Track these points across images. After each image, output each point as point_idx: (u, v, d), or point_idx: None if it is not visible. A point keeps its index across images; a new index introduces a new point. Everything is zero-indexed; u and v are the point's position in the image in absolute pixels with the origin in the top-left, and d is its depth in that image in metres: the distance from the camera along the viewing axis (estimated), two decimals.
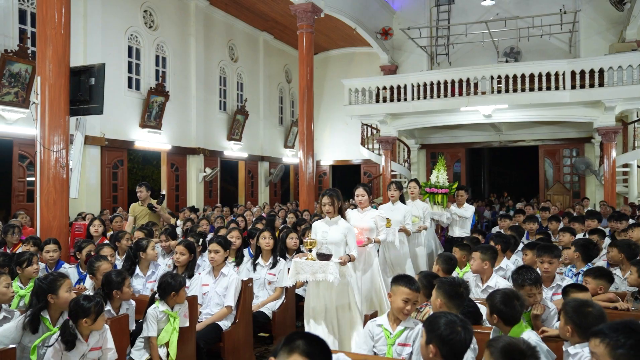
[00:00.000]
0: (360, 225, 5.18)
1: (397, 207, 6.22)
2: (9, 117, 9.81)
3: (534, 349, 2.07)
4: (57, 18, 6.53)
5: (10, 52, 9.61)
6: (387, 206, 6.32)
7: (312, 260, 4.28)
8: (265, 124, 18.41)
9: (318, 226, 4.72)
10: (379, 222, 5.29)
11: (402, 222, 6.05)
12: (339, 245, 4.56)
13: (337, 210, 4.63)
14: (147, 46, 13.31)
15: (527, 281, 3.48)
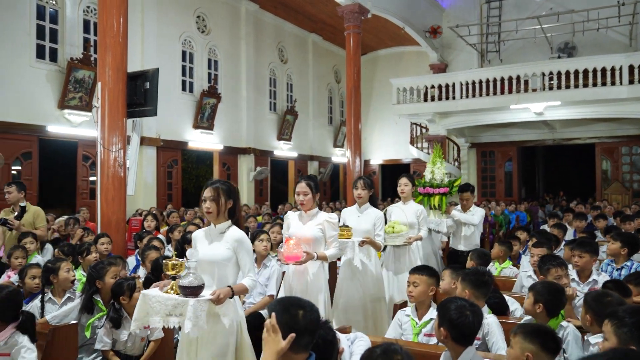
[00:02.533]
0: (299, 234, 3.87)
1: (366, 211, 4.59)
2: (74, 120, 10.52)
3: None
4: (115, 27, 7.00)
5: (76, 60, 10.29)
6: (352, 209, 4.74)
7: (173, 293, 2.75)
8: (315, 124, 18.70)
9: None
10: (328, 231, 3.89)
11: (369, 232, 4.48)
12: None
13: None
14: (200, 50, 13.87)
15: (552, 264, 3.54)
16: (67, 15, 10.68)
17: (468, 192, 6.13)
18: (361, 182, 4.62)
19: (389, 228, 4.87)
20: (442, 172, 6.32)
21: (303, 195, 3.87)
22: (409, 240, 4.99)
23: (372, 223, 4.53)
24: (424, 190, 6.25)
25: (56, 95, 10.28)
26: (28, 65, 9.94)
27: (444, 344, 2.39)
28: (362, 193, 4.61)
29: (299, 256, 3.65)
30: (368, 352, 1.86)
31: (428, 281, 3.23)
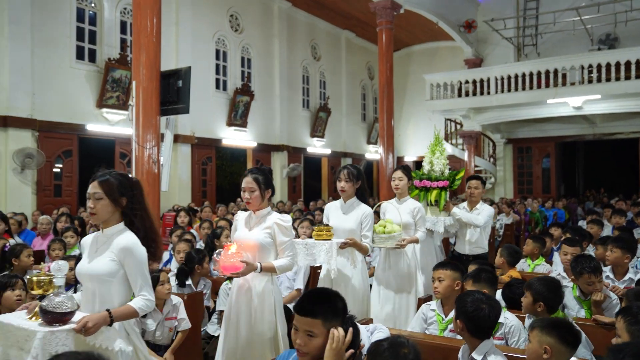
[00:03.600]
0: (243, 239, 3.19)
1: (351, 207, 3.93)
2: (112, 119, 10.83)
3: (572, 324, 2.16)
4: (149, 27, 7.16)
5: (113, 60, 10.59)
6: (336, 205, 4.05)
7: (34, 320, 2.18)
8: (348, 120, 18.69)
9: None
10: (278, 236, 3.15)
11: (354, 233, 3.81)
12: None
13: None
14: (233, 49, 14.04)
15: (585, 269, 3.45)
16: (105, 17, 10.99)
17: (477, 181, 5.26)
18: (345, 172, 3.86)
19: (379, 227, 4.14)
20: (443, 163, 5.25)
21: (249, 192, 3.14)
22: (402, 242, 4.18)
23: (358, 221, 3.82)
24: (420, 183, 5.24)
25: (95, 94, 10.60)
26: (68, 66, 10.28)
27: (461, 336, 2.38)
28: (346, 186, 3.87)
29: (237, 267, 2.97)
30: (375, 344, 1.87)
31: (453, 275, 3.21)
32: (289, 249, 3.17)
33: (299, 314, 1.94)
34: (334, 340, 1.86)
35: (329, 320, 1.91)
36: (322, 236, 3.68)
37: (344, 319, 1.97)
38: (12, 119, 9.33)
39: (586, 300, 3.51)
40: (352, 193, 3.92)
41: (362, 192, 3.96)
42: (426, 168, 5.33)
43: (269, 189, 3.22)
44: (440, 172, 5.21)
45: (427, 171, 5.31)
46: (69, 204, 9.86)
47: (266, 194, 3.20)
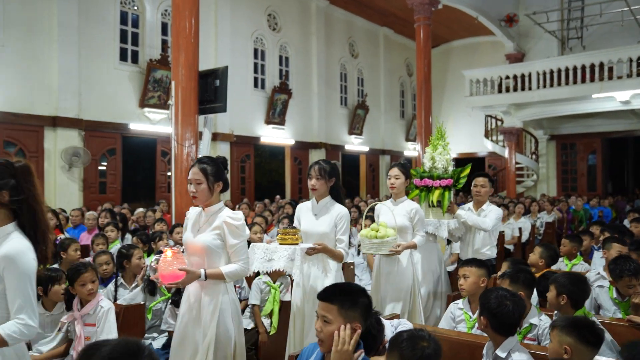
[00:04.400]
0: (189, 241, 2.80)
1: (324, 208, 3.41)
2: (153, 118, 11.15)
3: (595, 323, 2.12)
4: (188, 28, 7.35)
5: (154, 61, 10.90)
6: (307, 206, 3.55)
7: None
8: (386, 117, 18.61)
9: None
10: (227, 238, 2.72)
11: (328, 237, 3.35)
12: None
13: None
14: (271, 47, 14.20)
15: (625, 272, 3.36)
16: (147, 19, 11.32)
17: (484, 178, 4.64)
18: (315, 168, 3.38)
19: (371, 232, 3.75)
20: (446, 159, 4.60)
21: (195, 184, 2.74)
22: (396, 248, 3.76)
23: (332, 224, 3.34)
24: (421, 182, 4.60)
25: (137, 94, 10.94)
26: (112, 67, 10.64)
27: (485, 332, 2.38)
28: (317, 184, 3.36)
29: (177, 275, 2.56)
30: (395, 337, 1.89)
31: (478, 272, 3.18)
32: (240, 252, 2.72)
33: (319, 299, 2.01)
34: (338, 341, 1.89)
35: (346, 309, 1.95)
36: (286, 240, 3.27)
37: (366, 315, 2.00)
38: (61, 119, 9.74)
39: (623, 302, 3.42)
40: (326, 192, 3.42)
41: (337, 191, 3.47)
42: (427, 165, 4.64)
43: (220, 182, 2.79)
44: (444, 170, 4.56)
45: (428, 168, 4.62)
46: (113, 200, 10.21)
47: (216, 188, 2.77)
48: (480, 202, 4.65)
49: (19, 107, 9.28)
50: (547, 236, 9.38)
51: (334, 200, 3.43)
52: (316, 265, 3.33)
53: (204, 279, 2.64)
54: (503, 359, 2.24)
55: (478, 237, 4.61)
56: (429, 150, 4.68)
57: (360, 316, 1.98)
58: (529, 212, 10.11)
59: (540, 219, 9.89)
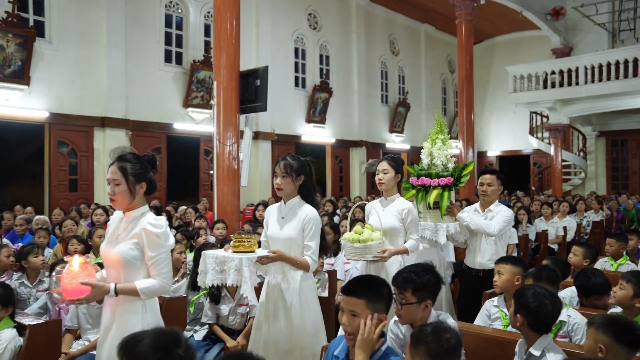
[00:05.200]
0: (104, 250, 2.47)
1: (292, 210, 3.04)
2: (197, 118, 11.43)
3: None
4: (229, 30, 7.52)
5: (197, 62, 11.17)
6: (275, 208, 3.17)
7: None
8: (428, 115, 18.42)
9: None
10: (146, 249, 2.37)
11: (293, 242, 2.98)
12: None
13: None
14: (312, 46, 14.30)
15: None
16: (190, 21, 11.61)
17: (491, 175, 4.08)
18: (281, 165, 2.99)
19: (353, 236, 3.36)
20: (446, 155, 4.01)
21: (113, 185, 2.41)
22: (382, 254, 3.32)
23: (299, 228, 2.96)
24: (418, 181, 4.00)
25: (181, 95, 11.24)
26: (157, 69, 10.97)
27: (519, 330, 2.36)
28: (283, 182, 2.98)
29: (82, 290, 2.24)
30: (417, 331, 1.91)
31: (513, 270, 3.15)
32: (159, 266, 2.35)
33: (345, 294, 2.07)
34: (365, 330, 1.96)
35: (373, 302, 2.02)
36: (239, 247, 2.84)
37: (389, 306, 2.07)
38: (109, 119, 10.12)
39: None
40: (293, 191, 3.03)
41: (308, 191, 3.06)
42: (425, 162, 4.06)
43: (142, 182, 2.42)
44: (443, 167, 3.98)
45: (426, 165, 4.04)
46: (158, 198, 10.53)
47: (138, 190, 2.41)
48: (488, 202, 4.09)
49: (71, 108, 9.69)
50: (594, 235, 9.11)
51: (303, 200, 3.03)
52: (274, 277, 2.93)
53: (114, 294, 2.28)
54: (537, 357, 2.21)
55: (485, 244, 4.00)
56: (427, 145, 4.06)
57: (385, 307, 2.05)
58: (575, 210, 9.83)
59: (587, 218, 9.60)
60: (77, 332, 3.61)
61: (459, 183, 3.99)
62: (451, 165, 3.97)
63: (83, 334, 3.60)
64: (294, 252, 2.94)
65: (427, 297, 2.32)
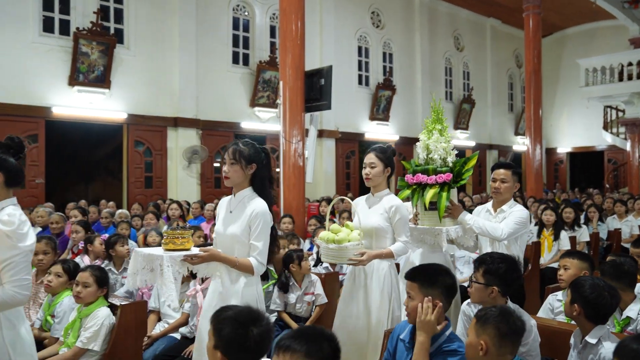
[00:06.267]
0: None
1: (241, 204, 2.70)
2: (263, 117, 11.82)
3: None
4: (294, 31, 7.75)
5: (264, 63, 11.54)
6: (226, 201, 2.85)
7: None
8: (494, 111, 18.04)
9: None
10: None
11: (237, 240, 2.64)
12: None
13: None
14: (375, 45, 14.38)
15: None
16: (256, 23, 12.00)
17: (505, 170, 3.49)
18: (229, 150, 2.66)
19: (328, 235, 3.01)
20: (444, 148, 3.35)
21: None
22: (360, 257, 2.93)
23: (245, 225, 2.62)
24: (414, 178, 3.41)
25: (248, 95, 11.66)
26: (226, 70, 11.43)
27: (574, 320, 2.39)
28: (230, 171, 2.66)
29: None
30: (483, 313, 2.00)
31: (580, 265, 3.16)
32: (11, 271, 2.03)
33: (406, 278, 2.30)
34: (422, 312, 2.13)
35: (426, 287, 2.19)
36: (169, 245, 2.53)
37: (447, 293, 2.21)
38: (181, 119, 10.66)
39: None
40: (244, 182, 2.69)
41: (261, 182, 2.72)
42: (421, 156, 3.46)
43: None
44: (442, 161, 3.35)
45: (422, 160, 3.45)
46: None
47: None
48: (501, 201, 3.49)
49: (146, 109, 10.30)
50: None
51: (255, 193, 2.69)
52: (214, 279, 2.67)
53: None
54: (594, 345, 2.24)
55: (495, 249, 3.31)
56: (423, 138, 3.47)
57: (440, 294, 2.19)
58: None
59: None
60: (159, 314, 3.94)
61: (460, 180, 3.34)
62: (451, 160, 3.33)
63: (163, 317, 3.91)
64: (238, 252, 2.59)
65: (494, 284, 2.42)
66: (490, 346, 1.92)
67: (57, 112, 9.26)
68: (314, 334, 1.65)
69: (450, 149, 3.35)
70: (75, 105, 9.43)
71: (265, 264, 2.65)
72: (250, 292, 2.60)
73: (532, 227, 6.63)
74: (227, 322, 1.77)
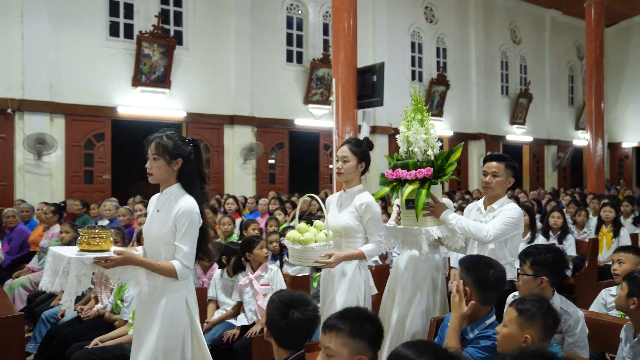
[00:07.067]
0: None
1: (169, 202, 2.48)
2: (316, 114, 12.00)
3: None
4: (347, 29, 7.88)
5: (317, 60, 11.71)
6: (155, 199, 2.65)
7: None
8: (552, 105, 17.48)
9: None
10: None
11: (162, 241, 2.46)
12: None
13: None
14: (429, 40, 14.27)
15: None
16: (309, 22, 12.18)
17: (497, 163, 3.12)
18: (152, 145, 2.44)
19: (295, 235, 2.85)
20: (425, 140, 2.98)
21: None
22: (327, 259, 2.74)
23: (170, 224, 2.40)
24: (394, 174, 3.06)
25: (302, 92, 11.86)
26: (280, 69, 11.68)
27: (628, 314, 2.39)
28: (153, 166, 2.44)
29: None
30: (527, 308, 2.03)
31: (635, 260, 3.11)
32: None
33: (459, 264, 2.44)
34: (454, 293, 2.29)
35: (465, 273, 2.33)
36: (82, 245, 2.31)
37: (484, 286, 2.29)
38: (237, 117, 10.99)
39: None
40: (170, 179, 2.48)
41: (189, 177, 2.50)
42: (402, 150, 3.11)
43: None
44: (423, 155, 2.99)
45: (404, 154, 3.11)
46: (281, 189, 11.22)
47: None
48: (492, 197, 3.13)
49: (204, 108, 10.69)
50: None
51: (184, 190, 2.47)
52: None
53: None
54: None
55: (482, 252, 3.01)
56: (402, 129, 3.10)
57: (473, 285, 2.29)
58: None
59: None
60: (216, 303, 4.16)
61: (442, 175, 2.98)
62: (432, 152, 2.97)
63: (221, 306, 4.13)
64: (165, 254, 2.40)
65: (543, 274, 2.46)
66: (535, 340, 1.97)
67: (121, 112, 9.77)
68: (358, 314, 1.79)
69: (434, 140, 2.98)
70: (138, 105, 9.92)
71: (192, 267, 2.42)
72: (176, 299, 2.38)
73: (591, 224, 6.48)
74: (274, 304, 1.96)
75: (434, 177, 2.93)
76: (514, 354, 1.34)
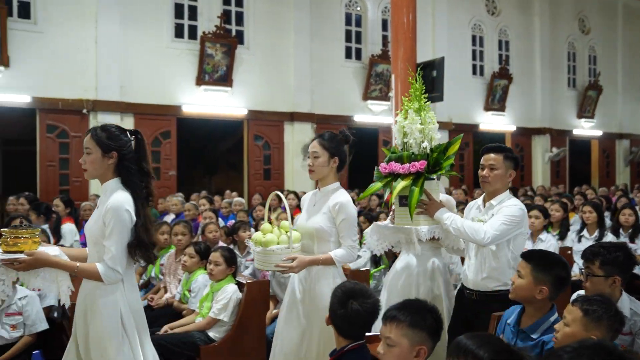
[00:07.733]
0: None
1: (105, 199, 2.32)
2: (375, 110, 11.99)
3: None
4: (406, 24, 7.81)
5: (376, 56, 11.69)
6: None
7: None
8: (625, 98, 16.63)
9: None
10: None
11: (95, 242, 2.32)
12: None
13: None
14: (490, 33, 13.91)
15: None
16: (368, 18, 12.17)
17: (497, 154, 2.81)
18: (86, 139, 2.31)
19: (257, 236, 2.67)
20: (421, 130, 2.75)
21: None
22: (290, 263, 2.54)
23: (101, 222, 2.23)
24: (387, 167, 2.84)
25: (360, 88, 11.89)
26: (339, 65, 11.76)
27: None
28: (87, 160, 2.30)
29: None
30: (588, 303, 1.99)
31: None
32: None
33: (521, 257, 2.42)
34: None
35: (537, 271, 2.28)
36: (2, 245, 2.16)
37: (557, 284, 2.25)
38: (297, 114, 11.16)
39: None
40: (106, 173, 2.32)
41: (127, 172, 2.31)
42: (398, 141, 2.87)
43: None
44: (419, 147, 2.75)
45: (399, 145, 2.86)
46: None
47: None
48: (491, 193, 2.83)
49: (264, 105, 10.91)
50: None
51: (122, 185, 2.30)
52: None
53: None
54: None
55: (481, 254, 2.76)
56: (399, 120, 2.87)
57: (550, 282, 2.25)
58: None
59: None
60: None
61: (438, 169, 2.74)
62: (427, 144, 2.74)
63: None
64: (96, 255, 2.24)
65: (615, 273, 2.40)
66: None
67: (186, 110, 10.14)
68: (418, 306, 1.84)
69: (434, 132, 2.77)
70: (201, 103, 10.26)
71: (119, 269, 2.18)
72: (108, 303, 2.18)
73: None
74: (336, 294, 2.04)
75: (428, 171, 2.71)
76: (575, 345, 1.34)
